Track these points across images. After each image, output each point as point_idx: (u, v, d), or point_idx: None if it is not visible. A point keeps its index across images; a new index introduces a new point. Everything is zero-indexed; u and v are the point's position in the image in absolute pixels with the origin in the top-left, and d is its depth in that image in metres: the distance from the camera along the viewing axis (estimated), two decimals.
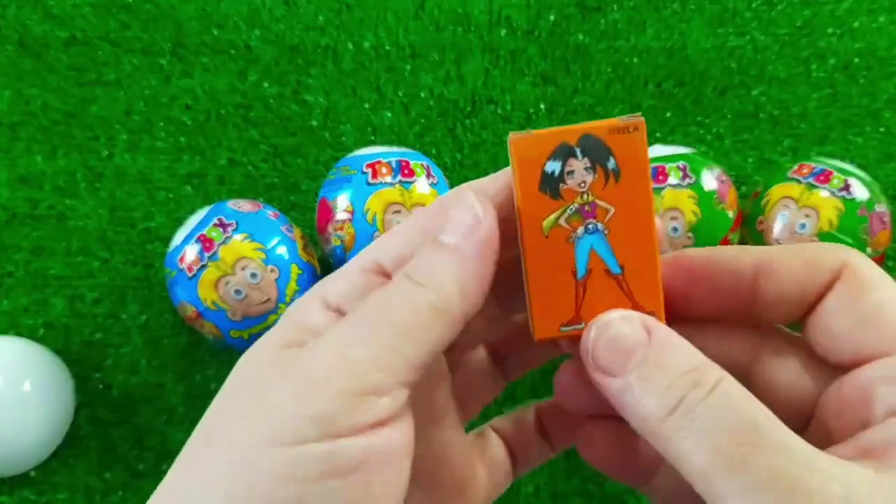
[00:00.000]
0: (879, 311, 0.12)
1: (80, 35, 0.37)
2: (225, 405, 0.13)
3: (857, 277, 0.12)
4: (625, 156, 0.13)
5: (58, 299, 0.33)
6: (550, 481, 0.31)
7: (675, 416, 0.11)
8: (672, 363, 0.12)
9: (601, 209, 0.13)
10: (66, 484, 0.31)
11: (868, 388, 0.12)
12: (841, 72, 0.38)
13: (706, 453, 0.11)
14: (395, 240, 0.14)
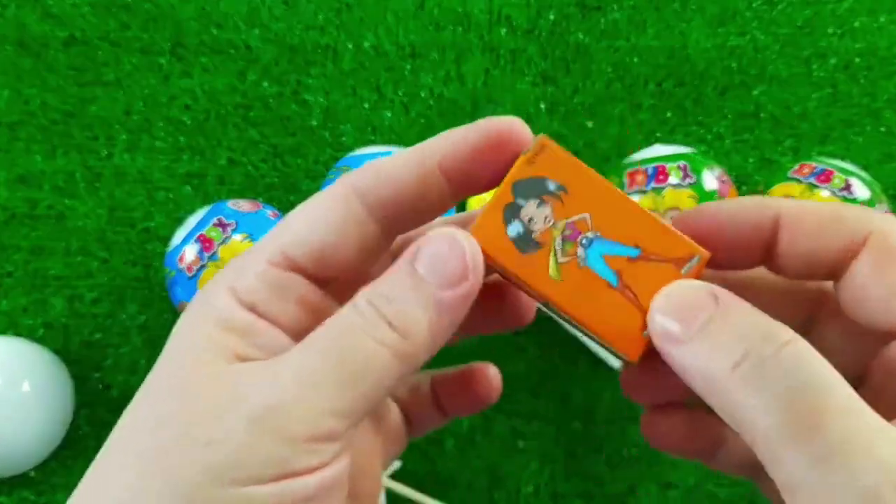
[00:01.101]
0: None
1: (80, 35, 0.37)
2: (160, 409, 0.12)
3: (886, 245, 0.12)
4: (554, 171, 0.13)
5: (57, 299, 0.33)
6: (551, 482, 0.31)
7: (742, 369, 0.10)
8: (740, 321, 0.11)
9: (579, 222, 0.13)
10: (65, 484, 0.31)
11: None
12: (842, 71, 0.38)
13: (774, 414, 0.10)
14: (306, 225, 0.13)
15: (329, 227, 0.13)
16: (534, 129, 0.39)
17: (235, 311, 0.12)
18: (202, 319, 0.13)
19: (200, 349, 0.12)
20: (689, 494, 0.31)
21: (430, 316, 0.12)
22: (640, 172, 0.30)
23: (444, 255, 0.12)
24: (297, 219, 0.13)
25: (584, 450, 0.31)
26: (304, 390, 0.11)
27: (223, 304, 0.12)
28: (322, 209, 0.13)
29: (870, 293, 0.12)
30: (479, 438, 0.31)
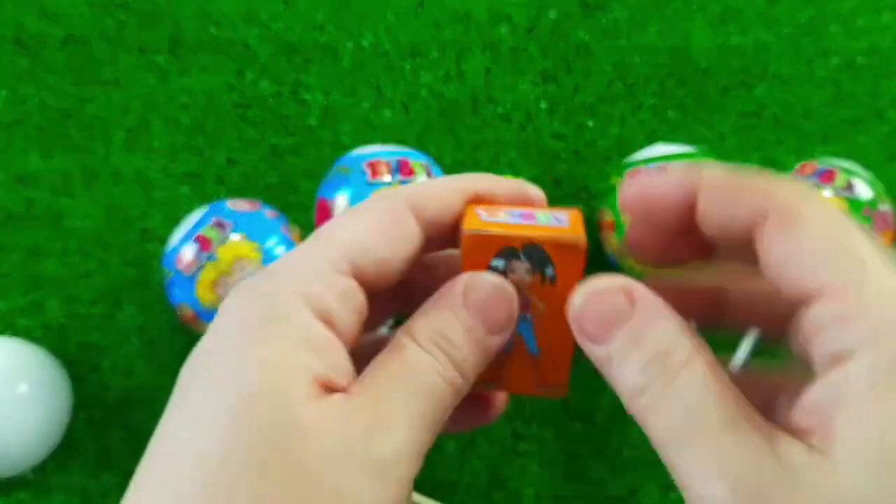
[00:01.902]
0: (801, 252, 0.12)
1: (77, 34, 0.37)
2: (261, 455, 0.11)
3: (784, 215, 0.12)
4: (563, 267, 0.14)
5: (54, 300, 0.33)
6: (551, 484, 0.31)
7: (644, 396, 0.12)
8: (649, 340, 0.13)
9: (533, 304, 0.14)
10: (62, 485, 0.31)
11: (811, 331, 0.12)
12: (844, 71, 0.37)
13: (666, 433, 0.12)
14: (369, 235, 0.13)
15: (391, 240, 0.14)
16: (534, 128, 0.39)
17: (315, 328, 0.12)
18: (281, 337, 0.12)
19: (291, 382, 0.12)
20: None
21: (478, 358, 0.14)
22: (641, 172, 0.30)
23: (494, 302, 0.14)
24: (359, 228, 0.13)
25: (584, 452, 0.31)
26: (411, 434, 0.12)
27: (303, 320, 0.12)
28: (384, 222, 0.14)
29: (774, 261, 0.12)
30: (480, 441, 0.31)
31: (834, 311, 0.11)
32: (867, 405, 0.11)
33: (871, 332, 0.11)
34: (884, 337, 0.11)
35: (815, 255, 0.12)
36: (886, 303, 0.11)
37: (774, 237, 0.12)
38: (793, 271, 0.12)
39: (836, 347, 0.11)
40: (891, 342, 0.11)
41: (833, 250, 0.12)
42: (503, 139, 0.36)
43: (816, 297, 0.12)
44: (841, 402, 0.11)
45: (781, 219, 0.12)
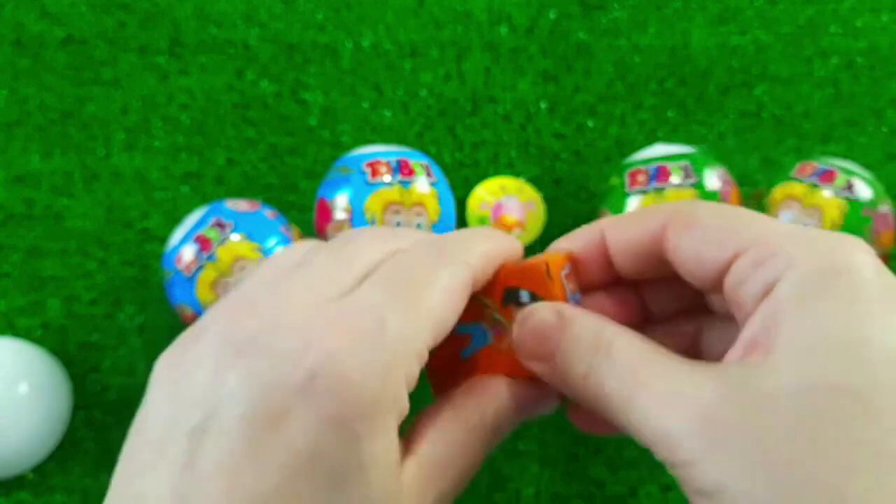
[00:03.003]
0: (706, 235, 0.14)
1: (77, 34, 0.37)
2: None
3: (679, 219, 0.14)
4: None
5: (54, 300, 0.33)
6: (551, 484, 0.31)
7: (588, 378, 0.14)
8: (578, 336, 0.14)
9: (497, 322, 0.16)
10: (62, 486, 0.31)
11: (734, 295, 0.13)
12: (844, 71, 0.37)
13: (617, 395, 0.13)
14: (446, 314, 0.14)
15: (457, 313, 0.15)
16: (534, 127, 0.39)
17: (407, 406, 0.13)
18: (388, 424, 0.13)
19: (393, 463, 0.13)
20: None
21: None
22: (641, 172, 0.30)
23: None
24: (440, 302, 0.14)
25: (584, 452, 0.31)
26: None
27: (405, 406, 0.13)
28: (459, 296, 0.15)
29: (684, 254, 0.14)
30: None
31: (750, 260, 0.13)
32: (797, 313, 0.12)
33: (787, 260, 0.12)
34: (799, 261, 0.12)
35: (718, 233, 0.14)
36: (790, 237, 0.13)
37: (679, 238, 0.14)
38: (703, 254, 0.14)
39: (761, 286, 0.13)
40: (806, 263, 0.12)
41: (730, 223, 0.14)
42: (503, 139, 0.36)
43: (732, 261, 0.13)
44: (772, 319, 0.12)
45: (679, 223, 0.14)
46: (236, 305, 0.14)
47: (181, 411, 0.13)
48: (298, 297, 0.13)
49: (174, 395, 0.13)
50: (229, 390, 0.12)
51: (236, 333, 0.13)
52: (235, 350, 0.13)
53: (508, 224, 0.34)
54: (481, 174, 0.36)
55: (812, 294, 0.12)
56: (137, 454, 0.13)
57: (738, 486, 0.11)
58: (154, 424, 0.13)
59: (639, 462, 0.31)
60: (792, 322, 0.12)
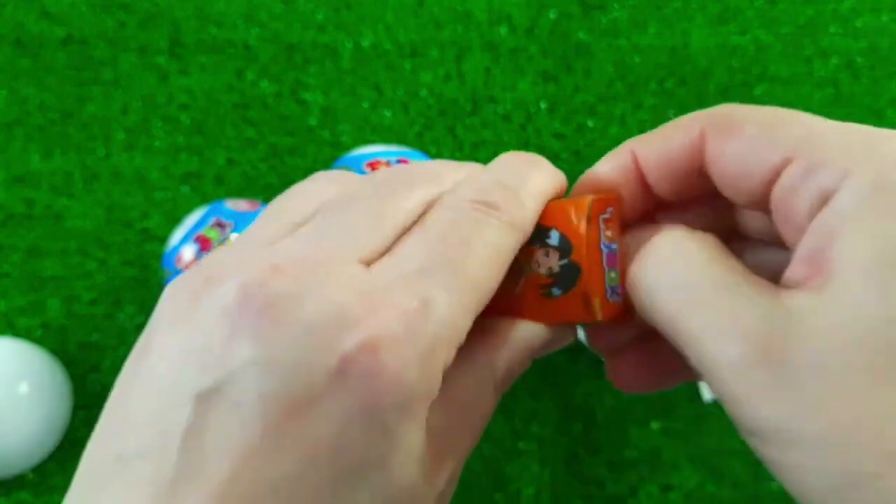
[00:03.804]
0: (751, 143, 0.13)
1: (77, 34, 0.37)
2: None
3: (718, 126, 0.13)
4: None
5: (54, 300, 0.33)
6: (551, 484, 0.31)
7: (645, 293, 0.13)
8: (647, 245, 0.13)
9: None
10: (62, 486, 0.31)
11: (785, 206, 0.12)
12: (844, 71, 0.37)
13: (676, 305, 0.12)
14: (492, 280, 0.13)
15: (498, 282, 0.13)
16: (534, 127, 0.39)
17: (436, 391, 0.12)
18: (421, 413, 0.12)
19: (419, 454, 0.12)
20: (689, 496, 0.31)
21: None
22: None
23: None
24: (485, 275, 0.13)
25: (584, 451, 0.31)
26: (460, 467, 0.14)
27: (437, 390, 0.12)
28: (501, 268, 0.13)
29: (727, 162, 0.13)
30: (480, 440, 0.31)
31: (801, 168, 0.12)
32: (856, 228, 0.11)
33: (845, 167, 0.11)
34: (858, 168, 0.11)
35: (764, 137, 0.12)
36: (847, 141, 0.11)
37: (720, 146, 0.13)
38: (749, 162, 0.12)
39: (817, 195, 0.11)
40: (866, 170, 0.11)
41: (776, 126, 0.12)
42: (503, 139, 0.36)
43: (782, 167, 0.12)
44: (831, 236, 0.11)
45: (719, 130, 0.13)
46: (260, 252, 0.12)
47: (188, 369, 0.11)
48: (332, 252, 0.12)
49: (182, 347, 0.11)
50: (250, 359, 0.11)
51: (262, 291, 0.11)
52: (259, 312, 0.11)
53: None
54: None
55: (873, 206, 0.10)
56: (127, 410, 0.12)
57: (798, 426, 0.10)
58: (152, 377, 0.11)
59: (639, 462, 0.31)
60: (853, 239, 0.11)
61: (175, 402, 0.11)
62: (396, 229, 0.12)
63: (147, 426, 0.11)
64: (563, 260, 0.13)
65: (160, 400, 0.11)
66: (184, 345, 0.11)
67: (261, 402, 0.10)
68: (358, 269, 0.12)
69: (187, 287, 0.12)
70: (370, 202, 0.13)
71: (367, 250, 0.12)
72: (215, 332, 0.11)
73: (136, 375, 0.12)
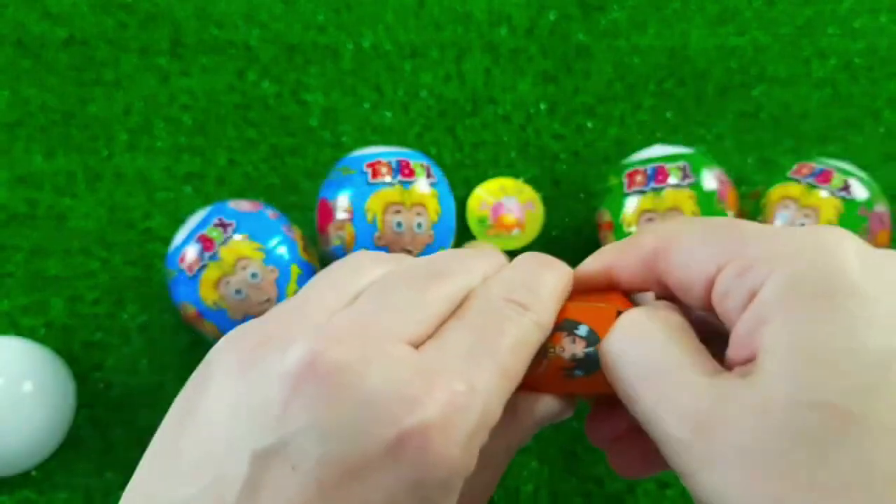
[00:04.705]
0: (689, 256, 0.14)
1: (79, 34, 0.37)
2: None
3: (662, 244, 0.15)
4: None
5: (57, 299, 0.33)
6: (550, 481, 0.31)
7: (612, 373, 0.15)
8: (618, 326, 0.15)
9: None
10: (66, 484, 0.31)
11: (721, 308, 0.13)
12: (842, 71, 0.38)
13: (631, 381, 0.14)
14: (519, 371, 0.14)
15: (524, 370, 0.15)
16: (534, 128, 0.39)
17: (472, 468, 0.13)
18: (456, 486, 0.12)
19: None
20: (686, 493, 0.31)
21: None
22: (639, 173, 0.30)
23: None
24: (515, 366, 0.14)
25: (583, 449, 0.32)
26: None
27: (472, 469, 0.13)
28: (528, 358, 0.15)
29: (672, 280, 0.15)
30: None
31: (733, 271, 0.13)
32: (781, 318, 0.12)
33: (769, 265, 0.12)
34: (781, 263, 0.12)
35: (700, 249, 0.14)
36: (771, 241, 0.13)
37: (666, 261, 0.14)
38: (689, 273, 0.14)
39: (745, 294, 0.13)
40: (788, 264, 0.12)
41: (711, 238, 0.14)
42: (503, 140, 0.36)
43: (716, 275, 0.13)
44: (758, 324, 0.12)
45: (664, 247, 0.15)
46: (318, 321, 0.13)
47: (246, 425, 0.11)
48: (386, 330, 0.12)
49: (241, 401, 0.11)
50: (310, 423, 0.11)
51: (325, 358, 0.11)
52: (322, 378, 0.11)
53: (508, 224, 0.34)
54: (481, 174, 0.36)
55: (795, 298, 0.12)
56: (178, 455, 0.12)
57: (736, 497, 0.11)
58: (208, 427, 0.11)
59: None
60: (775, 330, 0.12)
61: (231, 456, 0.11)
62: (439, 316, 0.14)
63: (199, 476, 0.11)
64: (589, 348, 0.15)
65: (215, 451, 0.11)
66: (242, 399, 0.12)
67: (318, 466, 0.11)
68: (410, 351, 0.13)
69: (248, 341, 0.12)
70: (417, 287, 0.14)
71: (416, 333, 0.13)
72: (277, 392, 0.11)
73: (189, 421, 0.12)
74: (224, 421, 0.11)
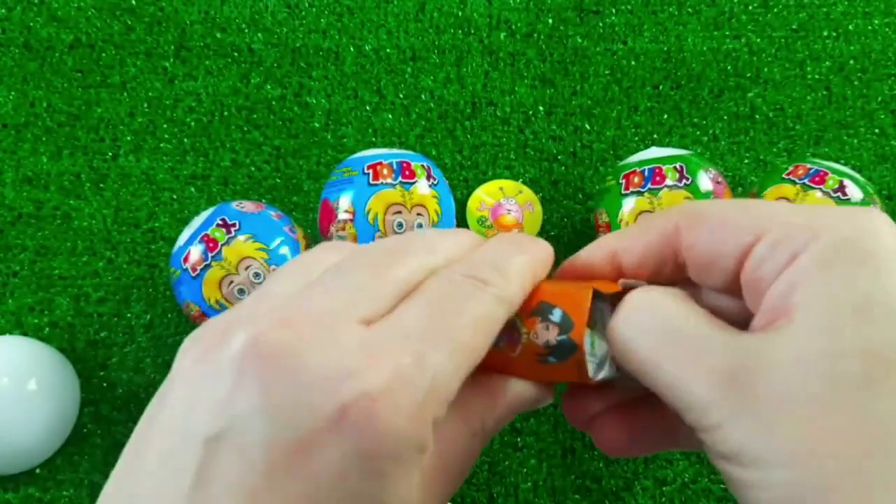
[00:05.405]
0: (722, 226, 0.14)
1: (85, 38, 0.38)
2: None
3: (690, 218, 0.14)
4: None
5: (63, 299, 0.34)
6: (549, 478, 0.31)
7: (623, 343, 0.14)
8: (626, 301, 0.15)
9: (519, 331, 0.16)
10: (70, 481, 0.31)
11: (755, 277, 0.13)
12: (836, 74, 0.38)
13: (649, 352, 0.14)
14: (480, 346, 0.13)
15: (487, 347, 0.14)
16: (532, 130, 0.39)
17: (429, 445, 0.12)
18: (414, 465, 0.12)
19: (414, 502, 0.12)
20: (684, 490, 0.31)
21: None
22: (636, 174, 0.31)
23: None
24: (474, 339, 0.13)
25: (581, 446, 0.32)
26: None
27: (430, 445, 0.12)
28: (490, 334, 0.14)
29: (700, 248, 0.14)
30: None
31: (773, 239, 0.13)
32: (819, 279, 0.12)
33: (809, 234, 0.13)
34: (821, 233, 0.12)
35: (734, 221, 0.14)
36: (810, 214, 0.13)
37: (693, 234, 0.14)
38: (721, 244, 0.14)
39: (784, 259, 0.13)
40: (828, 234, 0.12)
41: (745, 211, 0.14)
42: (502, 141, 0.37)
43: (752, 244, 0.13)
44: (793, 288, 0.12)
45: (692, 220, 0.14)
46: (269, 308, 0.13)
47: (199, 416, 0.12)
48: (336, 311, 0.13)
49: (195, 395, 0.12)
50: (254, 406, 0.11)
51: (267, 342, 0.12)
52: (264, 361, 0.12)
53: (507, 225, 0.35)
54: (480, 176, 0.36)
55: (834, 261, 0.12)
56: (143, 454, 0.12)
57: (759, 451, 0.11)
58: (167, 424, 0.12)
59: (634, 457, 0.32)
60: (814, 288, 0.12)
61: (186, 445, 0.12)
62: (395, 295, 0.13)
63: (160, 469, 0.12)
64: (562, 336, 0.15)
65: (172, 445, 0.12)
66: (196, 393, 0.12)
67: (263, 448, 0.11)
68: (359, 328, 0.13)
69: (203, 339, 0.13)
70: (373, 268, 0.14)
71: (369, 312, 0.13)
72: (225, 380, 0.12)
73: (152, 423, 0.13)
74: (182, 413, 0.12)
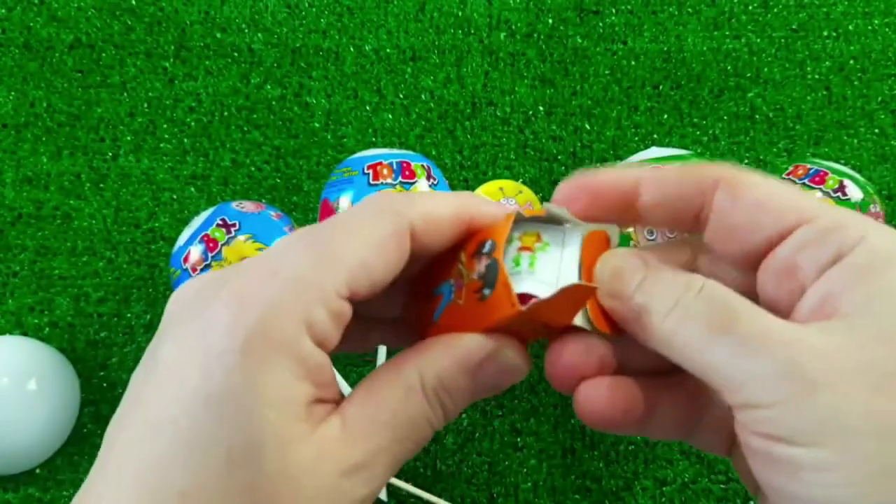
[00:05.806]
0: (768, 199, 0.14)
1: (85, 38, 0.38)
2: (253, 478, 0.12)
3: (735, 179, 0.14)
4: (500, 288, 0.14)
5: (63, 299, 0.34)
6: (549, 478, 0.31)
7: (673, 312, 0.13)
8: (665, 278, 0.14)
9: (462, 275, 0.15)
10: (70, 481, 0.31)
11: (791, 260, 0.13)
12: (836, 74, 0.38)
13: (700, 332, 0.13)
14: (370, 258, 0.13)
15: (389, 263, 0.14)
16: (532, 130, 0.39)
17: (314, 357, 0.13)
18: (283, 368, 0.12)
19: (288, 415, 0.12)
20: (684, 490, 0.31)
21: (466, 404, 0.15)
22: None
23: (504, 378, 0.15)
24: (364, 251, 0.13)
25: (581, 446, 0.32)
26: (388, 476, 0.14)
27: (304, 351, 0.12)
28: (388, 247, 0.14)
29: (732, 222, 0.14)
30: (479, 435, 0.32)
31: (820, 227, 0.13)
32: (869, 282, 0.12)
33: (860, 232, 0.13)
34: (871, 236, 0.13)
35: (779, 200, 0.13)
36: (856, 216, 0.13)
37: (732, 200, 0.14)
38: (760, 219, 0.13)
39: (832, 251, 0.13)
40: (878, 239, 0.13)
41: (790, 193, 0.14)
42: (502, 141, 0.37)
43: (794, 227, 0.13)
44: (844, 285, 0.12)
45: (734, 186, 0.14)
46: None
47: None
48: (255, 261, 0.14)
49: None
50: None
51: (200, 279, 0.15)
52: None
53: None
54: (480, 176, 0.36)
55: (888, 267, 0.12)
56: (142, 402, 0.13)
57: (812, 436, 0.11)
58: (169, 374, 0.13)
59: (635, 457, 0.32)
60: (865, 293, 0.12)
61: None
62: None
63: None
64: (489, 260, 0.14)
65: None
66: None
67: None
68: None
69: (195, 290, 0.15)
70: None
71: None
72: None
73: (150, 371, 0.14)
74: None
